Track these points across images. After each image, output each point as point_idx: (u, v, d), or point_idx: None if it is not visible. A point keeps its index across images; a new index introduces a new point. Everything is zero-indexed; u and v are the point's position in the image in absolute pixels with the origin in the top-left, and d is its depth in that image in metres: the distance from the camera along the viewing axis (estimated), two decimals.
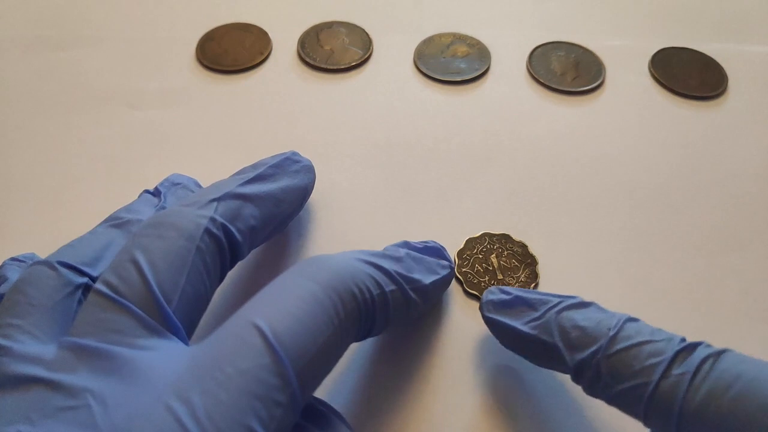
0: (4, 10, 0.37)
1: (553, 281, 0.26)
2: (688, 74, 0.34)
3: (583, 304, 0.20)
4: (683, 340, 0.18)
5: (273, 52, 0.35)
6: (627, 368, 0.18)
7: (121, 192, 0.26)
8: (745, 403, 0.16)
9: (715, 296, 0.26)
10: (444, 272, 0.22)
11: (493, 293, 0.22)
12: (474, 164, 0.30)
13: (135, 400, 0.15)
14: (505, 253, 0.26)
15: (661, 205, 0.28)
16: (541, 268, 0.26)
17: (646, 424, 0.18)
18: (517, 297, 0.21)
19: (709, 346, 0.18)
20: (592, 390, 0.19)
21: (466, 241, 0.27)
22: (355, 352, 0.23)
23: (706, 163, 0.30)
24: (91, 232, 0.21)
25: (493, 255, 0.26)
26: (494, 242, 0.26)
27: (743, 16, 0.38)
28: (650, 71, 0.34)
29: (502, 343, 0.22)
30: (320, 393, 0.22)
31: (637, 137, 0.31)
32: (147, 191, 0.24)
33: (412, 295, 0.20)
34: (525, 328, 0.20)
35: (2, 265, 0.21)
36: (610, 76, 0.34)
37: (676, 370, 0.17)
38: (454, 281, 0.25)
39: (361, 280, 0.19)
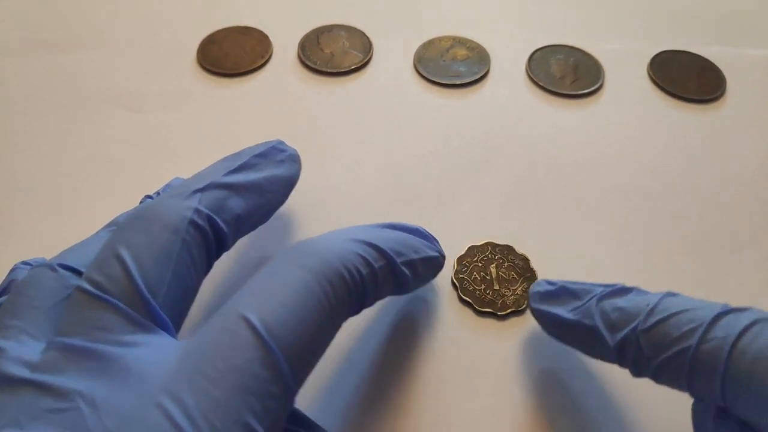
0: (4, 12, 0.37)
1: None
2: (687, 77, 0.34)
3: (625, 290, 0.20)
4: (726, 305, 0.18)
5: (273, 55, 0.35)
6: (666, 337, 0.17)
7: (121, 195, 0.26)
8: None
9: (714, 299, 0.26)
10: (433, 253, 0.22)
11: (539, 285, 0.22)
12: (473, 167, 0.30)
13: (126, 401, 0.15)
14: (506, 264, 0.26)
15: (659, 209, 0.29)
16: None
17: (692, 393, 0.18)
18: (562, 287, 0.21)
19: (760, 311, 0.17)
20: (636, 369, 0.19)
21: (468, 248, 0.26)
22: (345, 358, 0.23)
23: (705, 166, 0.30)
24: (94, 236, 0.21)
25: (493, 265, 0.26)
26: (496, 252, 0.26)
27: (741, 19, 0.38)
28: (649, 74, 0.35)
29: (548, 332, 0.22)
30: (313, 404, 0.22)
31: (636, 140, 0.31)
32: (149, 196, 0.24)
33: (403, 269, 0.20)
34: (568, 315, 0.20)
35: (14, 269, 0.21)
36: (609, 79, 0.34)
37: (716, 333, 0.17)
38: (450, 287, 0.25)
39: (350, 260, 0.18)
